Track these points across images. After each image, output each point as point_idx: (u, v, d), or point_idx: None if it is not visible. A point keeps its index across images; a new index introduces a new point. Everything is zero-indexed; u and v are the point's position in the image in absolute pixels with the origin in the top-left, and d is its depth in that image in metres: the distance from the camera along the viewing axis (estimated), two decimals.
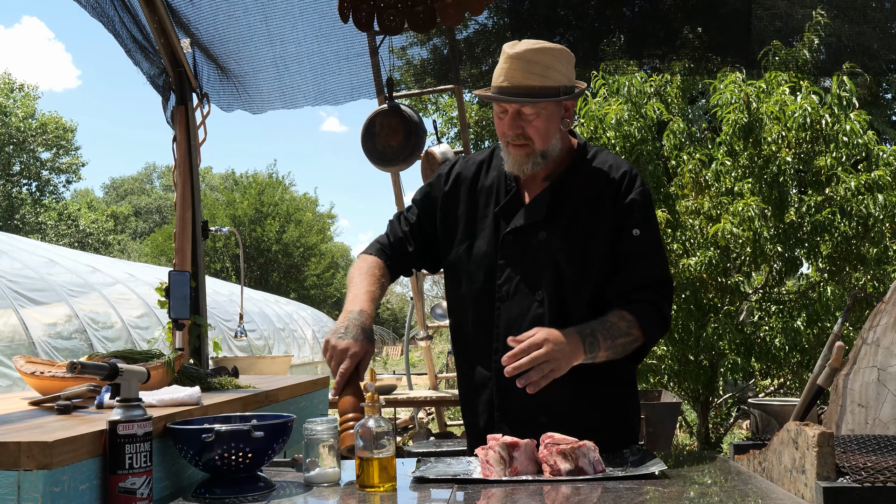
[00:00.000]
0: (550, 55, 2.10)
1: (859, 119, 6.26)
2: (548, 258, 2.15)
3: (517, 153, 2.15)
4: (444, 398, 5.85)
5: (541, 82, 2.08)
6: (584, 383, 2.11)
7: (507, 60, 2.09)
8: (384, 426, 1.79)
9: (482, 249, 2.22)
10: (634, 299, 2.12)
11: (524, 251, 2.17)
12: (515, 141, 2.13)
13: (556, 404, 2.10)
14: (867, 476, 1.55)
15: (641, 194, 2.17)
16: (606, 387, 2.19)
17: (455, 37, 5.19)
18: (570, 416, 2.12)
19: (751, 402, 5.52)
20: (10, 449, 1.48)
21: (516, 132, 2.12)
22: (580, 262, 2.14)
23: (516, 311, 2.17)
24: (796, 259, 6.65)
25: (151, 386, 2.30)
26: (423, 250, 2.35)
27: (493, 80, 2.14)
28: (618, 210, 2.16)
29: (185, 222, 3.70)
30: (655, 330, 2.13)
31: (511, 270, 2.18)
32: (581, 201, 2.18)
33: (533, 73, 2.07)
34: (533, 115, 2.11)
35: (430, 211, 2.34)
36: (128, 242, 42.84)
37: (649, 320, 2.11)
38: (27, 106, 35.45)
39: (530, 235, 2.17)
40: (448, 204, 2.30)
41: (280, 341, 17.27)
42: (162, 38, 3.62)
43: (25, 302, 8.76)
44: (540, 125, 2.12)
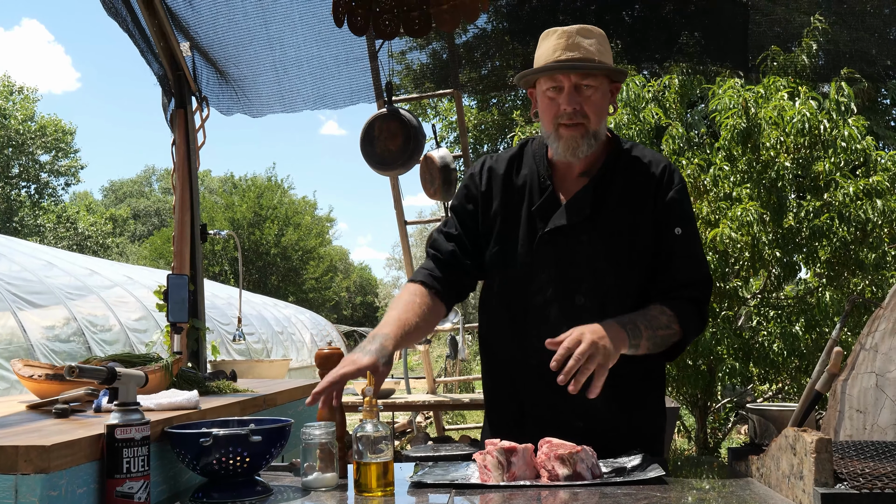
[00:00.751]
0: (599, 35, 2.08)
1: (857, 124, 6.28)
2: (588, 260, 2.08)
3: (571, 134, 2.06)
4: (442, 402, 5.85)
5: (598, 56, 2.05)
6: (619, 386, 2.04)
7: (561, 35, 2.05)
8: (382, 431, 1.79)
9: (517, 250, 2.14)
10: (675, 297, 2.09)
11: (562, 252, 2.09)
12: (571, 119, 2.05)
13: (591, 408, 2.01)
14: (865, 482, 1.55)
15: (681, 191, 2.13)
16: (641, 389, 2.17)
17: (454, 41, 5.20)
18: (606, 419, 2.08)
19: (749, 407, 5.50)
20: (8, 453, 1.48)
21: (574, 108, 2.04)
22: (624, 263, 2.09)
23: (555, 316, 2.09)
24: (795, 264, 6.65)
25: (149, 390, 2.30)
26: (480, 259, 2.22)
27: (542, 60, 2.08)
28: (659, 207, 2.10)
29: (183, 225, 3.70)
30: (694, 327, 2.09)
31: (547, 272, 2.10)
32: (622, 199, 2.11)
33: (591, 47, 2.04)
34: (591, 90, 2.05)
35: (472, 213, 2.22)
36: (126, 245, 42.84)
37: (689, 317, 2.07)
38: (26, 108, 35.45)
39: (569, 236, 2.10)
40: (486, 203, 2.20)
41: (278, 345, 17.26)
42: (161, 41, 3.63)
43: (23, 304, 8.75)
44: (597, 101, 2.06)
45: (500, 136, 13.99)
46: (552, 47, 2.06)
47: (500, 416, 2.23)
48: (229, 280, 30.73)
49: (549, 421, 2.09)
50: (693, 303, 2.10)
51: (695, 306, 2.10)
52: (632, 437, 2.07)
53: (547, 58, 2.07)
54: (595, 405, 1.98)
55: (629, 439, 2.05)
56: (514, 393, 2.16)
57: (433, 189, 5.05)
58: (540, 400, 2.10)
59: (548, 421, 2.09)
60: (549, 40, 2.08)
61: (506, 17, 5.46)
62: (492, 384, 2.28)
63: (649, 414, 2.21)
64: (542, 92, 2.10)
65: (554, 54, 2.05)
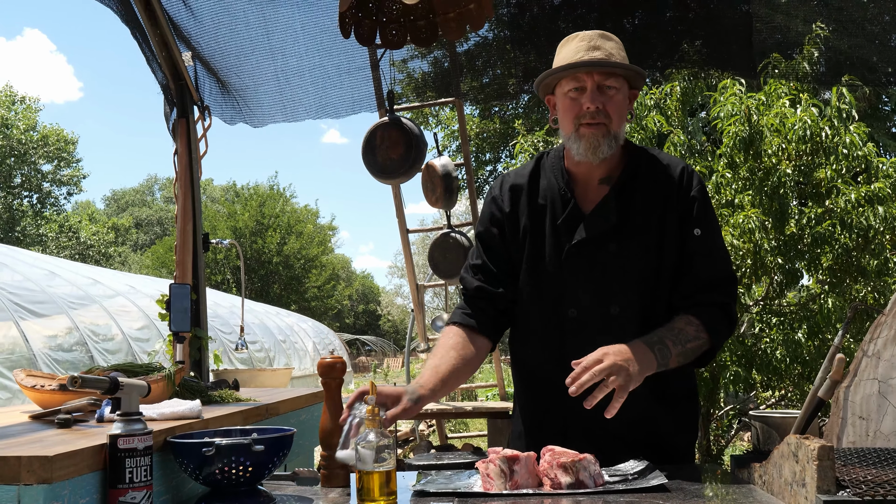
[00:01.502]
0: (616, 40, 2.12)
1: (859, 131, 6.28)
2: (619, 268, 2.07)
3: (592, 133, 2.05)
4: (444, 411, 5.84)
5: (620, 58, 2.08)
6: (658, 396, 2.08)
7: (582, 39, 2.08)
8: (385, 440, 1.79)
9: (545, 265, 2.13)
10: (700, 302, 2.07)
11: (592, 263, 2.08)
12: (594, 118, 2.05)
13: (633, 419, 2.01)
14: (868, 489, 1.55)
15: (700, 192, 2.13)
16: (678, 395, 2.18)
17: (456, 50, 5.22)
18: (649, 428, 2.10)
19: (752, 414, 5.50)
20: (11, 463, 1.48)
21: (597, 106, 2.04)
22: (655, 268, 2.08)
23: (589, 328, 2.09)
24: (797, 271, 6.65)
25: (152, 399, 2.30)
26: (508, 282, 2.19)
27: (566, 61, 2.08)
28: (680, 209, 2.10)
29: (185, 235, 3.71)
30: (723, 332, 2.08)
31: (579, 285, 2.10)
32: (644, 204, 2.11)
33: (614, 49, 2.08)
34: (614, 90, 2.06)
35: (499, 237, 2.21)
36: (128, 254, 42.91)
37: (716, 323, 2.06)
38: (29, 118, 35.58)
39: (598, 246, 2.09)
40: (513, 223, 2.19)
41: (281, 353, 17.26)
42: (163, 51, 3.65)
43: (26, 314, 8.77)
44: (620, 101, 2.08)
45: (502, 145, 14.01)
46: (574, 49, 2.08)
47: (542, 433, 2.16)
48: (231, 289, 30.76)
49: (594, 432, 2.05)
50: (718, 306, 2.08)
51: (721, 310, 2.08)
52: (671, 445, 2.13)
53: (570, 59, 2.07)
54: (638, 413, 2.00)
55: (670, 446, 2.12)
56: (556, 409, 2.13)
57: (435, 197, 5.06)
58: (581, 414, 2.00)
59: (593, 432, 2.06)
60: (571, 43, 2.10)
61: (507, 26, 5.47)
62: (531, 403, 2.24)
63: (688, 421, 2.23)
64: (563, 93, 2.10)
65: (577, 55, 2.06)
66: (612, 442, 2.04)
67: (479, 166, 14.98)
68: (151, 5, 3.48)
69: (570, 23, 5.28)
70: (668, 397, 2.12)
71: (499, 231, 2.21)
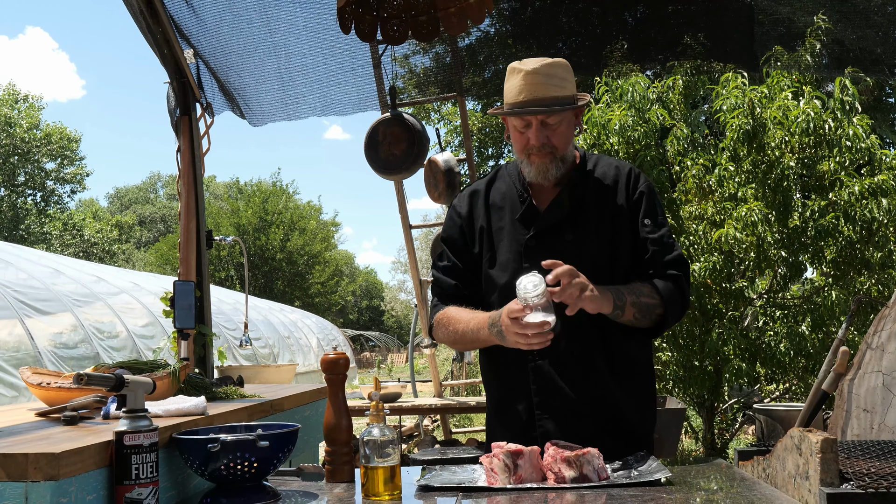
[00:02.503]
0: (561, 68, 2.23)
1: (862, 123, 6.27)
2: (576, 258, 2.17)
3: (542, 161, 2.24)
4: (448, 405, 5.85)
5: (560, 93, 2.20)
6: (619, 373, 2.23)
7: (524, 77, 2.19)
8: (389, 435, 1.80)
9: (505, 257, 2.29)
10: (655, 276, 2.23)
11: (549, 254, 2.19)
12: (541, 151, 2.23)
13: (595, 396, 2.19)
14: (871, 482, 1.55)
15: (647, 186, 2.31)
16: (639, 374, 2.30)
17: (457, 45, 5.21)
18: (610, 405, 2.21)
19: (756, 407, 5.51)
20: (18, 460, 1.49)
21: (542, 142, 2.22)
22: (610, 258, 2.23)
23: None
24: (800, 264, 6.64)
25: (157, 396, 2.31)
26: (478, 280, 2.37)
27: (509, 97, 2.23)
28: (630, 204, 2.27)
29: (189, 232, 3.71)
30: (676, 300, 2.22)
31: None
32: (597, 201, 2.28)
33: (552, 84, 2.19)
34: (557, 124, 2.22)
35: (461, 238, 2.39)
36: (132, 252, 42.96)
37: (669, 292, 2.20)
38: (32, 116, 35.61)
39: (555, 238, 2.25)
40: (471, 224, 2.38)
41: (285, 349, 17.29)
42: (166, 48, 3.65)
43: (31, 311, 8.79)
44: (563, 131, 2.24)
45: (504, 140, 14.00)
46: (516, 88, 2.21)
47: (510, 417, 2.29)
48: (235, 285, 30.80)
49: (558, 411, 2.19)
50: (672, 279, 2.23)
51: (673, 282, 2.23)
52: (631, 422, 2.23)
53: (512, 98, 2.22)
54: (598, 391, 2.18)
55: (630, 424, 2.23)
56: (522, 391, 2.25)
57: (437, 193, 5.06)
58: (545, 393, 2.21)
59: (557, 411, 2.20)
60: (514, 80, 2.23)
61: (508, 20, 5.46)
62: (499, 386, 2.36)
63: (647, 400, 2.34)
64: (512, 126, 2.27)
65: (519, 96, 2.21)
66: (576, 420, 2.17)
67: (482, 161, 14.97)
68: (153, 4, 3.48)
69: (572, 16, 5.26)
70: (624, 370, 2.25)
71: (459, 233, 2.39)
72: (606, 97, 6.98)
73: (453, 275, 2.38)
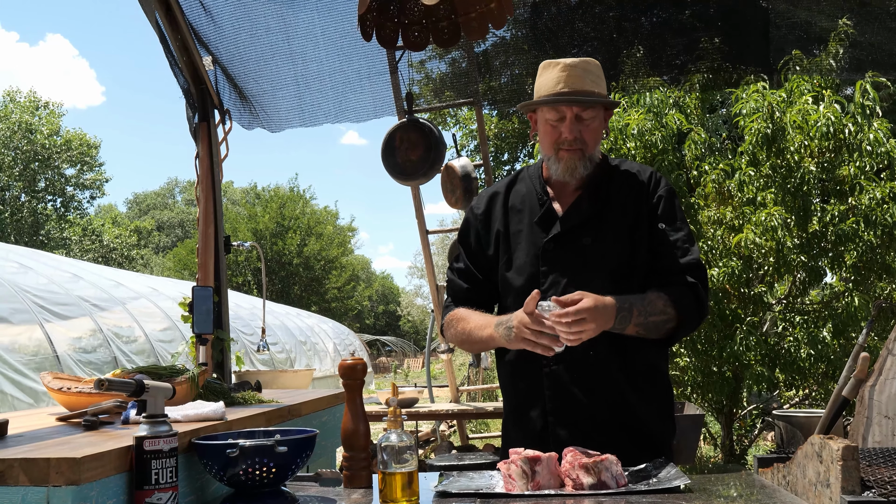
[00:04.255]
0: (596, 66, 2.25)
1: (882, 127, 6.21)
2: (595, 262, 2.19)
3: (571, 157, 2.22)
4: (465, 411, 5.84)
5: (596, 88, 2.22)
6: (636, 379, 2.20)
7: (563, 69, 2.20)
8: (406, 440, 1.80)
9: (522, 260, 2.27)
10: (671, 282, 2.19)
11: (569, 257, 2.22)
12: (571, 146, 2.21)
13: (610, 403, 2.18)
14: (893, 490, 1.53)
15: (667, 191, 2.29)
16: (656, 381, 2.27)
17: (473, 50, 5.22)
18: (626, 413, 2.19)
19: (775, 413, 5.47)
20: (40, 465, 1.51)
21: (575, 135, 2.20)
22: (629, 263, 2.21)
23: None
24: (820, 269, 6.59)
25: (176, 401, 2.33)
26: (491, 285, 2.37)
27: (545, 88, 2.22)
28: (649, 208, 2.26)
29: (207, 238, 3.74)
30: (692, 311, 2.18)
31: (555, 277, 2.21)
32: (617, 205, 2.26)
33: (589, 80, 2.21)
34: (590, 119, 2.22)
35: (476, 241, 2.38)
36: (151, 257, 43.28)
37: (685, 301, 2.17)
38: (52, 123, 35.97)
39: (573, 241, 2.23)
40: (487, 226, 2.37)
41: (302, 354, 17.34)
42: (184, 55, 3.68)
43: (50, 316, 8.87)
44: (595, 128, 2.24)
45: (521, 145, 13.98)
46: (554, 79, 2.21)
47: (525, 423, 2.29)
48: (252, 290, 30.93)
49: (570, 417, 2.19)
50: (689, 287, 2.19)
51: (690, 290, 2.19)
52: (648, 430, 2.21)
53: (549, 89, 2.22)
54: (613, 398, 2.17)
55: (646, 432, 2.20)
56: (537, 397, 2.24)
57: (454, 198, 5.07)
58: (559, 399, 2.20)
59: (570, 418, 2.19)
60: (551, 72, 2.23)
61: (524, 26, 5.47)
62: (514, 392, 2.35)
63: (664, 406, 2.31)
64: (544, 119, 2.26)
65: (556, 86, 2.20)
66: (591, 427, 2.15)
67: (498, 166, 14.95)
68: (172, 11, 3.51)
69: (588, 22, 5.26)
70: (641, 377, 2.22)
71: (475, 235, 2.39)
72: (624, 102, 6.97)
73: (466, 278, 2.39)
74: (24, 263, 9.95)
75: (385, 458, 1.79)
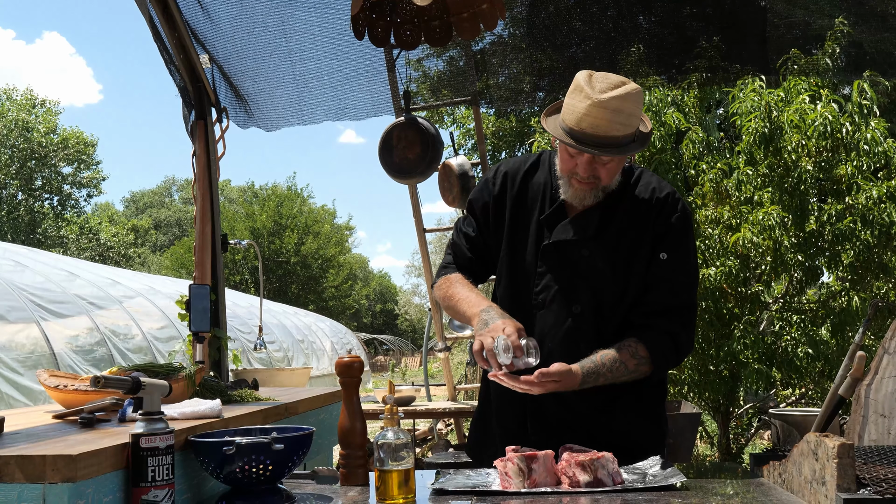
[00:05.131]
0: (632, 101, 2.04)
1: (880, 127, 6.22)
2: (589, 274, 2.16)
3: (582, 188, 2.13)
4: (462, 409, 5.85)
5: (623, 131, 2.04)
6: (616, 390, 2.14)
7: (591, 106, 2.01)
8: (403, 438, 1.80)
9: (522, 256, 2.24)
10: (652, 326, 2.13)
11: (565, 263, 2.18)
12: (583, 180, 2.11)
13: (588, 413, 2.15)
14: (888, 487, 1.54)
15: (680, 219, 2.17)
16: (638, 392, 2.21)
17: (471, 48, 5.22)
18: (604, 423, 2.16)
19: (772, 412, 5.47)
20: (36, 462, 1.51)
21: (589, 174, 2.10)
22: (622, 283, 2.16)
23: (551, 320, 2.18)
24: (817, 268, 6.60)
25: (173, 399, 2.33)
26: (492, 259, 2.33)
27: (568, 117, 2.06)
28: (655, 233, 2.16)
29: (204, 236, 3.73)
30: (667, 360, 2.16)
31: (549, 279, 2.19)
32: (626, 223, 2.18)
33: (618, 122, 2.02)
34: (609, 160, 2.09)
35: (485, 216, 2.32)
36: (148, 255, 43.22)
37: (662, 352, 2.13)
38: (49, 121, 35.91)
39: (573, 250, 2.18)
40: (498, 208, 2.29)
41: (299, 353, 17.32)
42: (181, 53, 3.67)
43: (47, 314, 8.85)
44: (613, 167, 2.12)
45: (519, 143, 13.99)
46: (578, 115, 2.03)
47: (507, 419, 2.27)
48: (250, 289, 30.90)
49: (548, 422, 2.17)
50: (669, 334, 2.13)
51: (671, 340, 2.14)
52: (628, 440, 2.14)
53: (571, 122, 2.05)
54: (592, 408, 2.14)
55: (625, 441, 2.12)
56: (517, 397, 2.19)
57: (452, 196, 5.07)
58: (540, 402, 2.15)
59: (548, 422, 2.17)
60: (578, 102, 2.04)
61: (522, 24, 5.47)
62: (494, 389, 2.30)
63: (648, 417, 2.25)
64: (562, 145, 2.12)
65: (579, 123, 2.03)
66: (569, 435, 2.09)
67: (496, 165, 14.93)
68: (169, 9, 3.51)
69: (586, 21, 5.26)
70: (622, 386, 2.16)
71: (485, 211, 2.31)
72: None
73: (471, 247, 2.33)
74: (20, 262, 9.94)
75: (382, 455, 1.79)
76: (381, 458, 1.79)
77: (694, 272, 2.23)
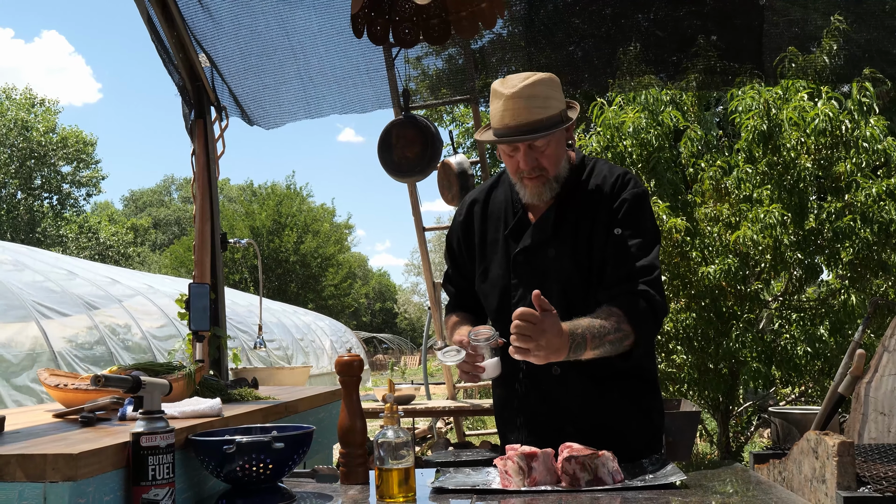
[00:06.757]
0: (544, 86, 2.14)
1: (879, 125, 6.22)
2: (557, 274, 2.20)
3: (534, 185, 2.20)
4: (462, 408, 5.85)
5: (544, 114, 2.12)
6: (608, 392, 2.17)
7: (505, 102, 2.13)
8: (403, 437, 1.80)
9: (496, 271, 2.30)
10: (620, 292, 2.12)
11: (535, 270, 2.23)
12: (531, 174, 2.19)
13: (580, 415, 2.17)
14: (888, 485, 1.54)
15: (631, 194, 2.20)
16: (624, 386, 2.22)
17: (470, 47, 5.21)
18: (596, 425, 2.17)
19: (771, 410, 5.48)
20: (37, 461, 1.51)
21: (532, 166, 2.17)
22: (586, 273, 2.19)
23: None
24: (816, 266, 6.60)
25: (173, 398, 2.33)
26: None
27: (494, 121, 2.17)
28: (610, 214, 2.20)
29: (204, 235, 3.73)
30: (646, 320, 2.11)
31: (524, 289, 2.22)
32: (582, 215, 2.22)
33: (535, 107, 2.12)
34: (544, 146, 2.16)
35: (459, 247, 2.43)
36: (147, 254, 43.20)
37: (637, 312, 2.10)
38: (48, 120, 35.90)
39: (539, 254, 2.23)
40: (467, 233, 2.40)
41: (299, 352, 17.32)
42: (181, 52, 3.67)
43: (47, 313, 8.85)
44: (552, 153, 2.19)
45: None
46: (499, 113, 2.15)
47: (507, 422, 2.34)
48: (249, 288, 30.91)
49: (541, 424, 2.21)
50: (639, 294, 2.11)
51: (642, 297, 2.11)
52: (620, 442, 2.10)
53: (496, 123, 2.16)
54: (584, 412, 2.16)
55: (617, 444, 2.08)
56: (511, 399, 2.30)
57: (451, 195, 5.07)
58: (530, 405, 2.23)
59: (540, 424, 2.22)
60: (496, 105, 2.16)
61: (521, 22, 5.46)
62: (498, 393, 2.41)
63: (640, 421, 2.25)
64: (501, 149, 2.22)
65: (501, 120, 2.14)
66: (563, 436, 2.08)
67: (494, 163, 14.94)
68: (168, 8, 3.51)
69: (585, 19, 5.26)
70: (605, 381, 2.17)
71: (458, 242, 2.43)
72: (619, 99, 6.97)
73: (454, 284, 2.48)
74: (20, 261, 9.93)
75: (382, 454, 1.79)
76: (382, 456, 1.79)
77: (651, 237, 2.20)
